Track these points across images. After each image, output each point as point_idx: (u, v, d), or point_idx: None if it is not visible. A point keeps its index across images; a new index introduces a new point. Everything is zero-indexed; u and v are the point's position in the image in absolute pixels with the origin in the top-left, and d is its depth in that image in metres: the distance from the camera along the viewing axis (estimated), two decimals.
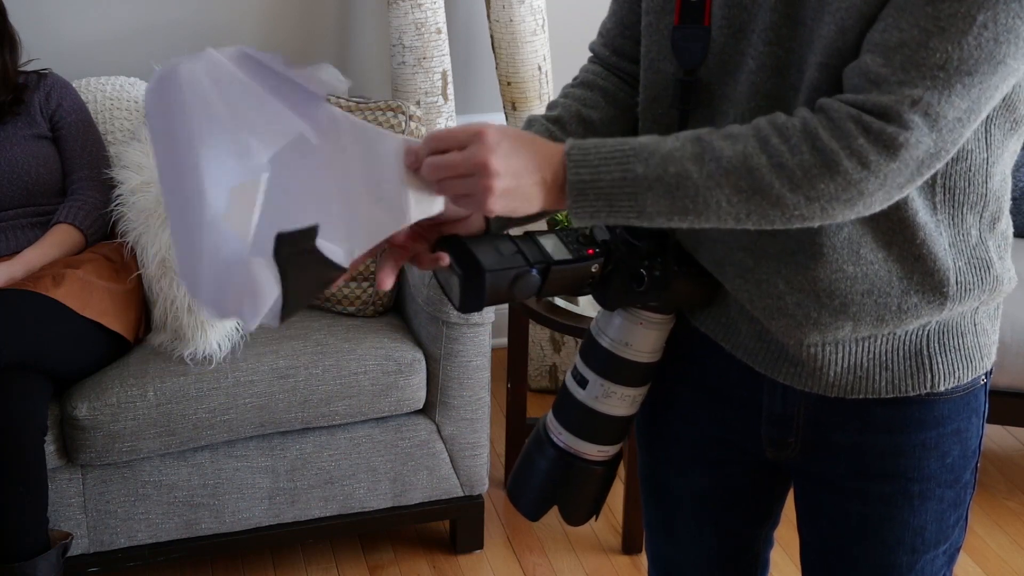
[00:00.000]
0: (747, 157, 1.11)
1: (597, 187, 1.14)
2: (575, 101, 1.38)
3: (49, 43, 2.84)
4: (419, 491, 2.61)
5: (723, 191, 1.12)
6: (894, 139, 1.09)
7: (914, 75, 1.08)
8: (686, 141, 1.14)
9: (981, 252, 1.25)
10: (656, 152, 1.13)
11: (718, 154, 1.12)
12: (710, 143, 1.13)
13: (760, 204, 1.12)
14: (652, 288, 1.25)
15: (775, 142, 1.11)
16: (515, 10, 2.95)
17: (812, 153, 1.10)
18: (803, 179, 1.11)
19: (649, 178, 1.13)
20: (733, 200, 1.12)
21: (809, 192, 1.11)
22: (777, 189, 1.11)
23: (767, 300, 1.25)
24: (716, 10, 1.24)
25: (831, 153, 1.10)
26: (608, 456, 1.35)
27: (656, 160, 1.13)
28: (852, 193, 1.11)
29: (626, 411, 1.34)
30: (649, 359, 1.32)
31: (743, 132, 1.13)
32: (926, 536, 1.34)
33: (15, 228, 2.54)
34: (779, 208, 1.13)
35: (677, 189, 1.13)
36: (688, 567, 1.52)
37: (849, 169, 1.10)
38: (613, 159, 1.13)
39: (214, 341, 2.42)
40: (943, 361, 1.27)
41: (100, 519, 2.42)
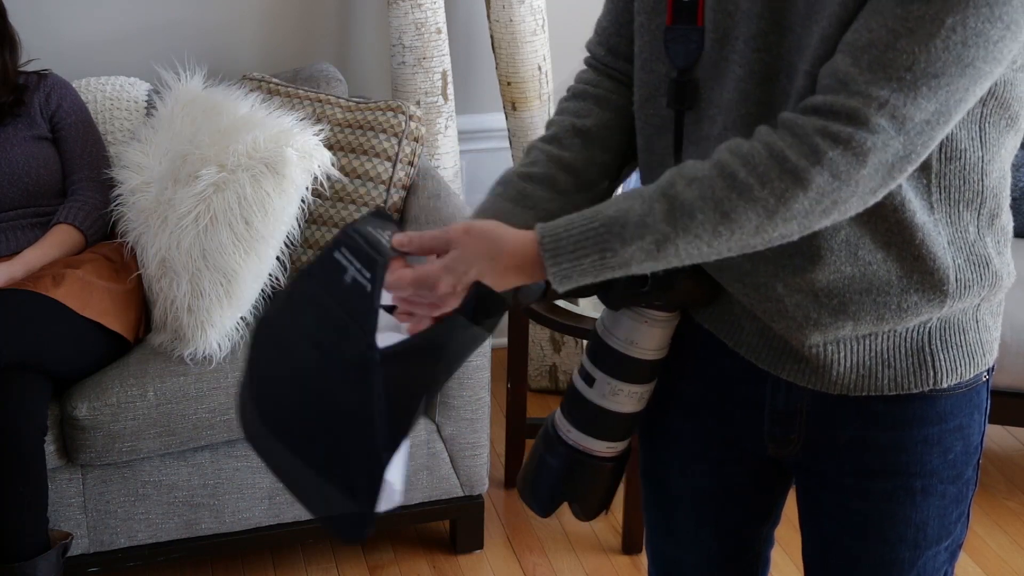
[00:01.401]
0: (718, 203, 1.13)
1: (580, 269, 1.17)
2: (568, 115, 1.40)
3: (49, 43, 2.84)
4: (419, 491, 2.61)
5: (703, 240, 1.14)
6: (862, 144, 1.09)
7: (880, 76, 1.09)
8: (652, 202, 1.15)
9: (980, 249, 1.25)
10: (627, 223, 1.15)
11: (688, 208, 1.13)
12: (676, 198, 1.14)
13: (741, 238, 1.14)
14: (656, 288, 1.26)
15: (742, 176, 1.12)
16: (515, 10, 2.95)
17: (781, 177, 1.11)
18: (777, 204, 1.12)
19: (629, 250, 1.15)
20: (714, 243, 1.14)
21: (785, 214, 1.12)
22: (755, 221, 1.13)
23: (767, 303, 1.26)
24: (708, 12, 1.24)
25: (801, 171, 1.11)
26: (617, 452, 1.37)
27: (629, 232, 1.14)
28: (826, 204, 1.12)
29: (634, 407, 1.35)
30: (655, 356, 1.33)
31: (707, 174, 1.14)
32: (928, 532, 1.34)
33: (15, 228, 2.54)
34: (759, 235, 1.14)
35: (659, 251, 1.15)
36: (689, 565, 1.52)
37: (821, 183, 1.11)
38: (588, 240, 1.15)
39: (214, 341, 2.42)
40: (946, 358, 1.28)
41: (100, 519, 2.42)
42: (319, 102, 2.70)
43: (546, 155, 1.36)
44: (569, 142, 1.37)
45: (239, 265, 2.42)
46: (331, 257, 1.19)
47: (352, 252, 1.18)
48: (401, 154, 2.62)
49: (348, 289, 1.16)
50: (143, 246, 2.50)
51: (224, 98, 2.60)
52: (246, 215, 2.42)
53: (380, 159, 2.60)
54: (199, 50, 2.91)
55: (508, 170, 1.37)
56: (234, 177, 2.43)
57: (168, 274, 2.44)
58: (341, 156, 2.61)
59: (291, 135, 2.48)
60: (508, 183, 1.35)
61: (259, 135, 2.46)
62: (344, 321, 1.16)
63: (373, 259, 1.16)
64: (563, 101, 1.42)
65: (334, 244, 1.19)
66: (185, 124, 2.57)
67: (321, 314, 1.18)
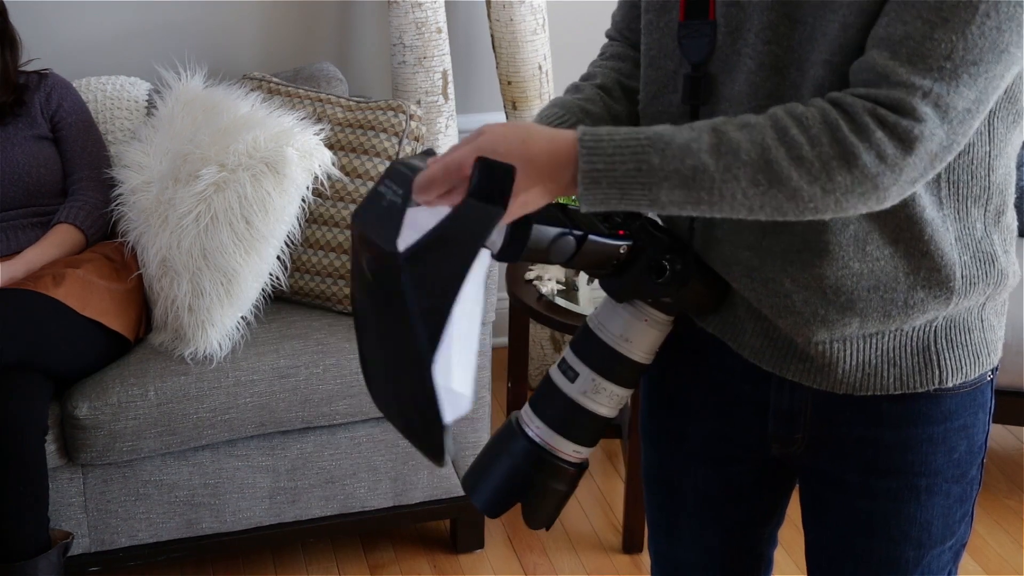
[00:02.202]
0: (765, 149, 1.11)
1: (611, 176, 1.12)
2: (613, 71, 1.38)
3: (49, 43, 2.84)
4: (420, 490, 2.61)
5: (740, 184, 1.11)
6: (909, 132, 1.09)
7: (921, 67, 1.09)
8: (702, 131, 1.12)
9: (986, 246, 1.25)
10: (672, 142, 1.12)
11: (735, 146, 1.11)
12: (726, 134, 1.12)
13: (776, 196, 1.12)
14: (672, 281, 1.24)
15: (794, 133, 1.11)
16: (515, 9, 2.95)
17: (832, 145, 1.10)
18: (821, 171, 1.10)
19: (665, 169, 1.11)
20: (749, 192, 1.12)
21: (826, 184, 1.11)
22: (795, 182, 1.11)
23: (774, 299, 1.25)
24: (719, 6, 1.24)
25: (851, 146, 1.10)
26: (581, 459, 1.31)
27: (672, 151, 1.11)
28: (867, 187, 1.11)
29: (608, 412, 1.31)
30: (643, 359, 1.31)
31: (760, 122, 1.12)
32: (932, 531, 1.34)
33: (16, 228, 2.54)
34: (794, 200, 1.12)
35: (693, 181, 1.11)
36: (692, 566, 1.52)
37: (867, 163, 1.10)
38: (627, 148, 1.12)
39: (215, 340, 2.42)
40: (951, 357, 1.28)
41: (101, 518, 2.42)
42: (319, 101, 2.70)
43: (601, 99, 1.34)
44: (618, 95, 1.36)
45: (240, 264, 2.42)
46: (376, 191, 1.15)
47: (393, 180, 1.15)
48: (402, 153, 2.62)
49: (383, 212, 1.13)
50: (144, 245, 2.50)
51: (224, 97, 2.60)
52: (247, 214, 2.42)
53: (381, 158, 2.60)
54: (199, 50, 2.90)
55: (565, 97, 1.35)
56: (235, 176, 2.43)
57: (169, 273, 2.44)
58: (342, 155, 2.61)
59: (292, 134, 2.48)
60: (569, 110, 1.33)
61: (260, 134, 2.46)
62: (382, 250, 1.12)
63: (408, 177, 1.13)
64: (601, 59, 1.41)
65: (380, 179, 1.16)
66: (186, 124, 2.57)
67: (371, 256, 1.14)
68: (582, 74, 1.41)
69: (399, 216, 1.11)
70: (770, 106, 1.21)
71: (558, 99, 1.36)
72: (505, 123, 1.15)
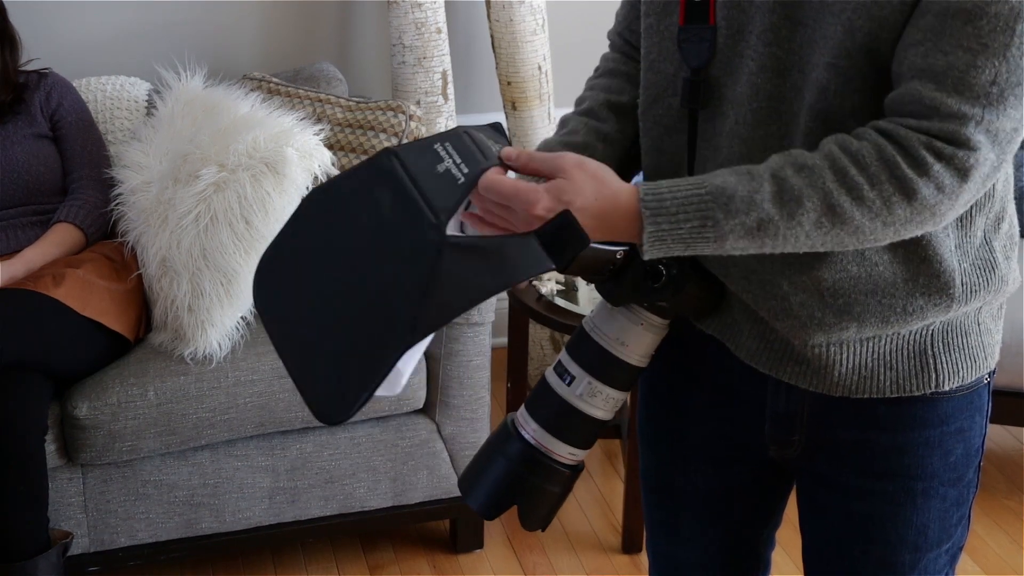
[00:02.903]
0: (827, 194, 1.12)
1: (676, 234, 1.14)
2: (601, 91, 1.40)
3: (49, 43, 2.84)
4: (419, 490, 2.61)
5: (804, 228, 1.13)
6: (964, 161, 1.11)
7: (969, 96, 1.10)
8: (762, 180, 1.13)
9: (985, 253, 1.26)
10: (734, 196, 1.13)
11: (797, 193, 1.12)
12: (786, 181, 1.13)
13: (838, 234, 1.14)
14: (667, 286, 1.24)
15: (853, 173, 1.12)
16: (515, 10, 2.95)
17: (891, 182, 1.12)
18: (882, 208, 1.12)
19: (730, 223, 1.13)
20: (813, 234, 1.14)
21: (887, 219, 1.13)
22: (858, 220, 1.13)
23: (772, 301, 1.26)
24: (719, 10, 1.24)
25: (910, 181, 1.11)
26: (576, 461, 1.32)
27: (735, 205, 1.13)
28: (926, 216, 1.13)
29: (603, 415, 1.31)
30: (638, 363, 1.31)
31: (818, 164, 1.13)
32: (929, 535, 1.34)
33: (15, 227, 2.54)
34: (856, 235, 1.14)
35: (758, 231, 1.14)
36: (690, 566, 1.52)
37: (927, 195, 1.12)
38: (691, 205, 1.14)
39: (214, 340, 2.42)
40: (947, 361, 1.28)
41: (100, 518, 2.42)
42: (319, 102, 2.70)
43: (585, 126, 1.37)
44: (605, 115, 1.38)
45: (239, 265, 2.42)
46: (431, 147, 1.15)
47: (455, 148, 1.14)
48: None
49: (437, 176, 1.13)
50: (143, 245, 2.51)
51: (224, 98, 2.60)
52: (246, 214, 2.42)
53: None
54: (199, 50, 2.91)
55: (547, 140, 1.38)
56: (234, 177, 2.43)
57: (168, 273, 2.45)
58: (341, 156, 2.61)
59: (291, 135, 2.48)
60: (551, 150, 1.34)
61: (259, 135, 2.46)
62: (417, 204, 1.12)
63: (476, 158, 1.13)
64: (593, 79, 1.43)
65: (438, 138, 1.15)
66: (185, 124, 2.57)
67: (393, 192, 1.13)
68: (578, 96, 1.43)
69: (457, 194, 1.12)
70: (770, 108, 1.21)
71: (543, 143, 1.38)
72: (583, 166, 1.16)
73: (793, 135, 1.21)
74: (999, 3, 1.08)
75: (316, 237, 1.19)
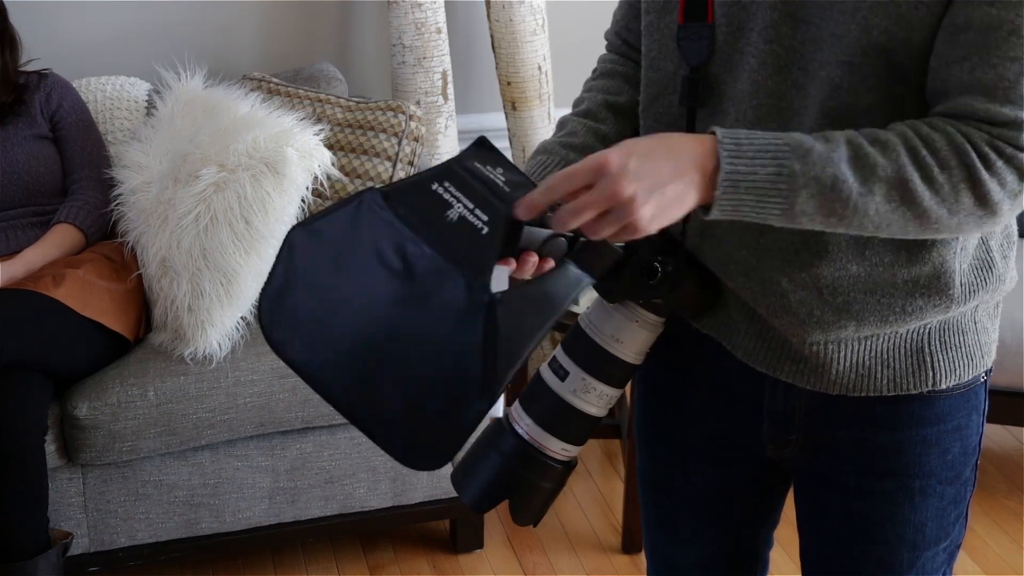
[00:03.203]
0: (900, 168, 1.11)
1: (751, 179, 1.11)
2: (600, 92, 1.40)
3: (49, 43, 2.84)
4: (419, 490, 2.61)
5: (875, 198, 1.12)
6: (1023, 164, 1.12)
7: (1021, 103, 1.11)
8: (839, 143, 1.12)
9: (982, 252, 1.26)
10: (812, 150, 1.11)
11: (872, 161, 1.11)
12: (862, 147, 1.12)
13: (905, 214, 1.13)
14: (663, 283, 1.24)
15: (924, 154, 1.12)
16: (515, 10, 2.95)
17: (960, 168, 1.12)
18: (950, 193, 1.12)
19: (806, 176, 1.11)
20: (882, 209, 1.12)
21: (952, 206, 1.13)
22: (926, 202, 1.12)
23: (770, 298, 1.26)
24: (716, 8, 1.24)
25: (977, 171, 1.11)
26: (569, 457, 1.31)
27: (813, 158, 1.11)
28: (987, 211, 1.13)
29: (597, 411, 1.31)
30: (633, 360, 1.31)
31: (892, 140, 1.13)
32: (927, 533, 1.34)
33: (16, 228, 2.54)
34: (920, 219, 1.13)
35: (832, 191, 1.11)
36: (688, 566, 1.52)
37: (991, 189, 1.12)
38: (768, 152, 1.11)
39: (214, 341, 2.42)
40: (944, 359, 1.28)
41: (100, 518, 2.42)
42: (319, 102, 2.70)
43: (584, 127, 1.36)
44: (604, 116, 1.37)
45: (239, 265, 2.42)
46: (427, 188, 1.11)
47: (459, 188, 1.11)
48: (401, 154, 2.63)
49: (452, 226, 1.09)
50: (143, 246, 2.51)
51: (224, 98, 2.60)
52: (246, 215, 2.42)
53: (380, 159, 2.61)
54: (199, 50, 2.91)
55: (547, 141, 1.37)
56: (234, 177, 2.43)
57: (168, 274, 2.45)
58: (341, 156, 2.61)
59: (291, 135, 2.48)
60: (551, 152, 1.34)
61: (259, 135, 2.46)
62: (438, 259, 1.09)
63: (488, 201, 1.10)
64: (591, 80, 1.43)
65: (432, 177, 1.12)
66: (185, 124, 2.57)
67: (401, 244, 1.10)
68: (575, 99, 1.42)
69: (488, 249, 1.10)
70: (771, 105, 1.21)
71: (542, 144, 1.37)
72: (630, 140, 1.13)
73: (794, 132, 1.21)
74: None
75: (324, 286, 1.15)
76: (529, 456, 1.29)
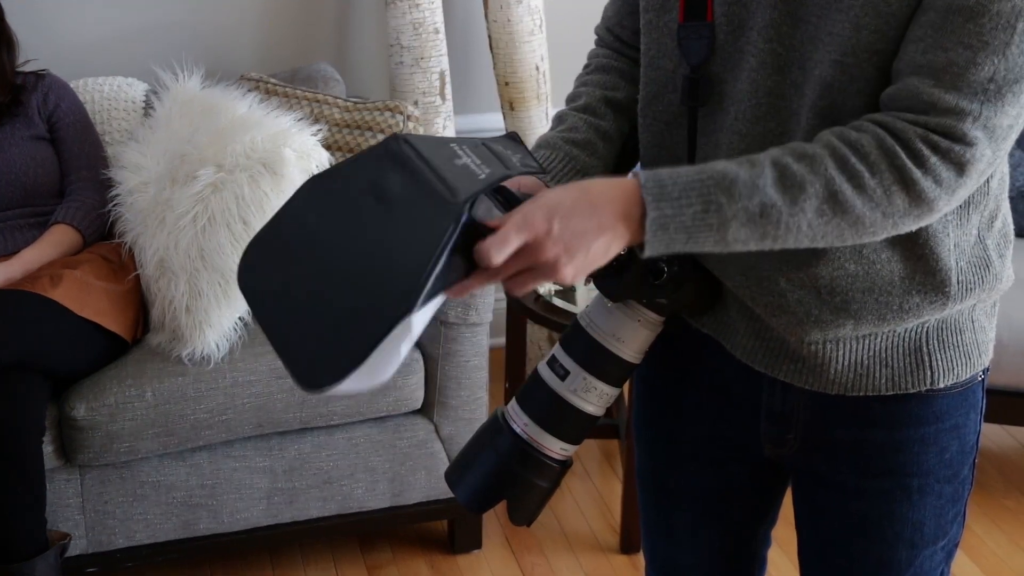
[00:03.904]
0: (829, 181, 1.11)
1: (678, 221, 1.12)
2: (597, 87, 1.39)
3: (47, 43, 2.84)
4: (417, 491, 2.61)
5: (806, 216, 1.12)
6: (961, 156, 1.11)
7: (967, 92, 1.10)
8: (763, 167, 1.12)
9: (979, 251, 1.26)
10: (736, 180, 1.12)
11: (800, 179, 1.11)
12: (788, 167, 1.12)
13: (839, 225, 1.13)
14: (668, 283, 1.24)
15: (853, 161, 1.12)
16: (513, 10, 2.95)
17: (891, 171, 1.11)
18: (883, 197, 1.12)
19: (733, 208, 1.11)
20: (815, 224, 1.13)
21: (887, 209, 1.13)
22: (859, 209, 1.12)
23: (768, 297, 1.26)
24: (716, 6, 1.24)
25: (909, 171, 1.11)
26: (566, 456, 1.31)
27: (739, 189, 1.11)
28: (924, 209, 1.13)
29: (595, 410, 1.30)
30: (633, 359, 1.31)
31: (818, 153, 1.13)
32: (924, 531, 1.34)
33: (13, 228, 2.54)
34: (855, 227, 1.14)
35: (761, 218, 1.12)
36: (686, 566, 1.52)
37: (925, 188, 1.12)
38: (693, 190, 1.11)
39: (212, 341, 2.42)
40: (942, 358, 1.28)
41: (98, 519, 2.42)
42: (317, 102, 2.70)
43: (585, 122, 1.36)
44: (603, 111, 1.37)
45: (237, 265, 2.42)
46: (446, 143, 1.12)
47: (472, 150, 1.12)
48: None
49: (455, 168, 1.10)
50: (141, 246, 2.50)
51: (222, 98, 2.60)
52: (244, 215, 2.42)
53: None
54: (197, 50, 2.91)
55: (548, 135, 1.36)
56: (232, 177, 2.43)
57: (166, 274, 2.44)
58: (339, 156, 2.61)
59: (289, 135, 2.48)
60: (554, 147, 1.34)
61: (257, 135, 2.46)
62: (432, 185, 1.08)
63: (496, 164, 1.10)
64: (585, 75, 1.42)
65: (453, 139, 1.13)
66: (183, 124, 2.57)
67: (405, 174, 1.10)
68: (568, 93, 1.42)
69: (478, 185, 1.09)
70: (770, 104, 1.21)
71: (543, 138, 1.37)
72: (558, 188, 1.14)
73: (793, 132, 1.21)
74: (1001, 1, 1.08)
75: (312, 219, 1.16)
76: (526, 455, 1.28)
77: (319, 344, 1.10)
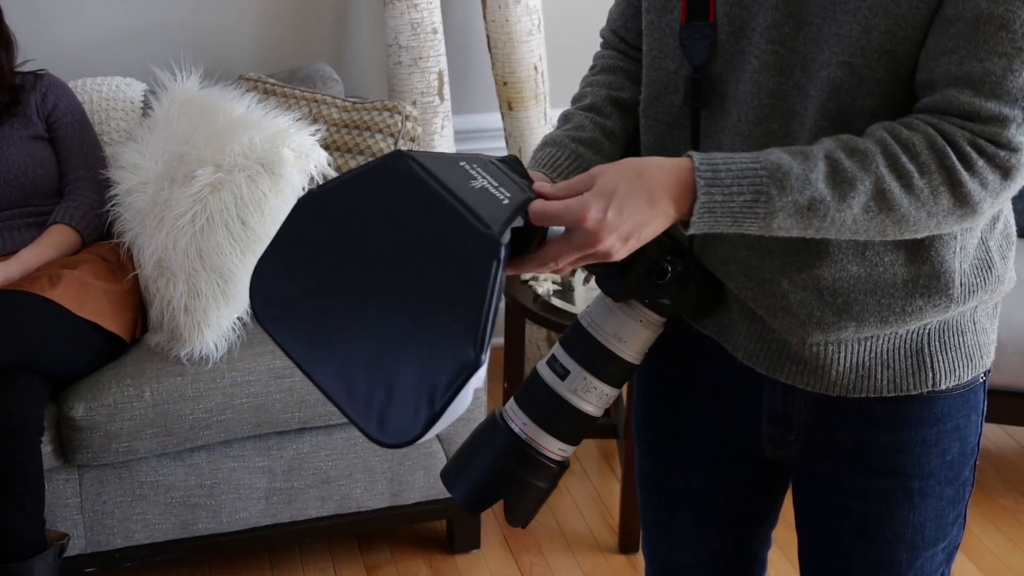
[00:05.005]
0: (879, 179, 1.12)
1: (727, 207, 1.13)
2: (602, 87, 1.39)
3: (45, 43, 2.84)
4: (416, 491, 2.61)
5: (852, 211, 1.13)
6: (1007, 161, 1.12)
7: (1007, 99, 1.11)
8: (816, 159, 1.13)
9: (982, 253, 1.26)
10: (789, 173, 1.12)
11: (851, 176, 1.12)
12: (840, 162, 1.12)
13: (883, 222, 1.14)
14: (672, 283, 1.24)
15: (904, 160, 1.12)
16: (511, 10, 2.95)
17: (940, 172, 1.12)
18: (929, 197, 1.13)
19: (783, 200, 1.12)
20: (860, 219, 1.13)
21: (932, 209, 1.13)
22: (904, 208, 1.13)
23: (771, 298, 1.26)
24: (719, 7, 1.24)
25: (958, 173, 1.12)
26: (564, 457, 1.30)
27: (790, 182, 1.12)
28: (967, 211, 1.14)
29: (595, 411, 1.30)
30: (633, 359, 1.31)
31: (870, 149, 1.13)
32: (925, 533, 1.34)
33: (12, 228, 2.54)
34: (900, 224, 1.14)
35: (809, 211, 1.13)
36: (686, 566, 1.52)
37: (972, 190, 1.12)
38: (746, 179, 1.12)
39: (211, 341, 2.42)
40: (944, 360, 1.28)
41: (97, 519, 2.42)
42: (315, 102, 2.70)
43: (591, 121, 1.36)
44: (609, 111, 1.38)
45: (236, 265, 2.42)
46: (455, 162, 1.10)
47: (483, 168, 1.11)
48: None
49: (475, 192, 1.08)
50: (140, 246, 2.50)
51: (220, 98, 2.60)
52: (242, 215, 2.42)
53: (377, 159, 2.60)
54: (195, 50, 2.90)
55: (554, 133, 1.37)
56: (230, 177, 2.43)
57: (165, 274, 2.44)
58: (337, 156, 2.61)
59: (287, 135, 2.48)
60: (560, 145, 1.34)
61: (255, 135, 2.46)
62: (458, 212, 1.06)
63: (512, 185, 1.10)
64: (591, 75, 1.43)
65: (460, 156, 1.11)
66: (181, 124, 2.57)
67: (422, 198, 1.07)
68: (574, 94, 1.42)
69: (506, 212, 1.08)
70: (772, 105, 1.21)
71: (549, 136, 1.37)
72: (615, 163, 1.15)
73: (796, 133, 1.21)
74: None
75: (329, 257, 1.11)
76: (524, 455, 1.28)
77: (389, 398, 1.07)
